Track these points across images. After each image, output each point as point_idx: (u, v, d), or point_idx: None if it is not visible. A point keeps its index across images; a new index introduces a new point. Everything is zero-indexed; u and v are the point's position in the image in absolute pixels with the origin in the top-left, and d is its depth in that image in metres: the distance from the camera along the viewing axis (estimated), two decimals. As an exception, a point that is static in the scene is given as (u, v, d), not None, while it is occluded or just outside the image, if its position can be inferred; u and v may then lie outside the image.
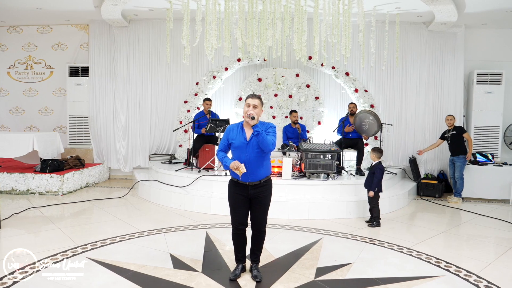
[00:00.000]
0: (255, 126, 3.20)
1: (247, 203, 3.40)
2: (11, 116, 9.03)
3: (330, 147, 6.43)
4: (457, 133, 7.01)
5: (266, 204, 3.43)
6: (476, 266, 3.85)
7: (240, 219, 3.41)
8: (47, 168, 6.86)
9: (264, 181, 3.37)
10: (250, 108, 3.26)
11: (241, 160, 3.26)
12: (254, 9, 6.08)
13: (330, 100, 8.52)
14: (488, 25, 7.89)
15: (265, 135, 3.22)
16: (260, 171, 3.33)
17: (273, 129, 3.38)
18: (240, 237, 3.49)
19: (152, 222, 5.24)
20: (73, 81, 8.65)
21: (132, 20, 8.30)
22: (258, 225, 3.45)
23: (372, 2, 6.63)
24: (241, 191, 3.36)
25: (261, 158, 3.32)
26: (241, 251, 3.54)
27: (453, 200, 6.99)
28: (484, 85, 7.86)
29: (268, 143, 3.21)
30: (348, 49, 6.21)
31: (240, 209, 3.39)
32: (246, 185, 3.33)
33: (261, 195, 3.37)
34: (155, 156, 8.39)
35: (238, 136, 3.33)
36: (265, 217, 3.47)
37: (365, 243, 4.54)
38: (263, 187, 3.37)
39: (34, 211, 5.64)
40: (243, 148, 3.29)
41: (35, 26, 8.81)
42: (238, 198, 3.38)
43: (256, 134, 3.19)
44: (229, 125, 3.47)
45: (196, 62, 8.42)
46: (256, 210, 3.41)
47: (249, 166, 3.25)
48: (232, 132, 3.39)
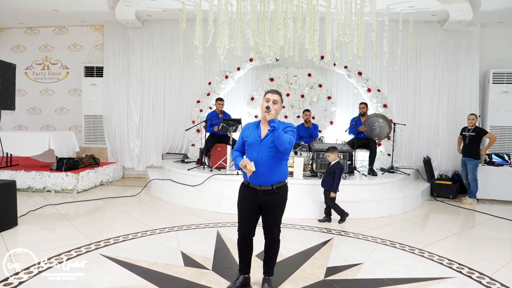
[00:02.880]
0: (272, 121, 2.91)
1: (256, 210, 3.09)
2: (28, 115, 9.24)
3: (342, 147, 6.41)
4: (476, 135, 6.82)
5: (278, 212, 3.12)
6: (489, 268, 3.79)
7: (246, 227, 3.13)
8: (63, 166, 7.01)
9: (277, 188, 3.05)
10: (270, 103, 2.98)
11: (252, 159, 2.99)
12: (266, 9, 6.09)
13: (343, 100, 8.47)
14: (505, 23, 7.74)
15: (282, 132, 2.93)
16: (272, 174, 3.02)
17: (293, 129, 3.09)
18: (245, 246, 3.20)
19: (164, 220, 5.31)
20: (88, 81, 8.81)
21: (145, 21, 8.41)
22: (270, 234, 3.16)
23: (385, 1, 6.58)
24: (250, 196, 3.07)
25: (276, 159, 3.01)
26: (244, 261, 3.24)
27: (468, 201, 6.88)
28: (500, 84, 7.72)
29: (284, 140, 2.90)
30: (360, 48, 6.18)
31: (247, 216, 3.10)
32: (257, 189, 3.04)
33: (271, 203, 3.05)
34: (168, 155, 8.48)
35: (253, 134, 3.09)
36: (277, 226, 3.16)
37: (376, 243, 4.51)
38: (276, 195, 3.05)
39: (50, 209, 5.77)
40: (256, 146, 3.02)
41: (51, 27, 9.00)
42: (246, 203, 3.10)
43: (272, 129, 2.90)
44: (245, 124, 3.31)
45: (208, 62, 8.48)
46: (267, 218, 3.12)
47: (260, 166, 2.97)
48: (247, 130, 3.15)
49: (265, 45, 6.28)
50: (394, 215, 5.87)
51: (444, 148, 7.99)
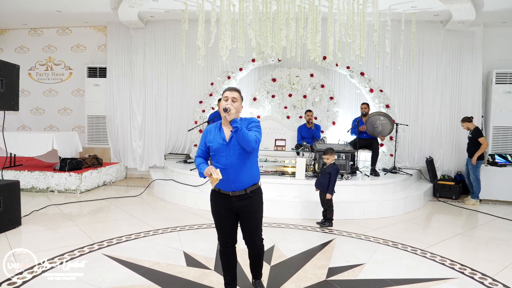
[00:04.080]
0: (234, 121, 2.69)
1: (233, 217, 2.89)
2: (32, 116, 9.29)
3: (345, 147, 6.41)
4: (473, 136, 6.83)
5: (256, 219, 2.90)
6: (492, 269, 3.78)
7: (227, 236, 2.92)
8: (66, 166, 7.04)
9: (250, 191, 2.83)
10: (229, 102, 2.78)
11: (221, 164, 2.76)
12: (268, 9, 6.11)
13: (345, 100, 8.48)
14: (508, 24, 7.71)
15: (246, 131, 2.69)
16: (244, 177, 2.80)
17: (257, 124, 2.86)
18: (227, 256, 2.98)
19: (166, 220, 5.33)
20: (91, 81, 8.84)
21: (148, 21, 8.44)
22: (252, 243, 2.96)
23: (388, 1, 6.58)
24: (224, 203, 2.84)
25: (245, 161, 2.80)
26: (229, 273, 3.01)
27: (471, 202, 6.86)
28: (503, 84, 7.70)
29: (249, 139, 2.68)
30: (363, 49, 6.18)
31: (224, 224, 2.90)
32: (229, 195, 2.81)
33: (247, 209, 2.83)
34: (171, 155, 8.51)
35: (216, 137, 2.82)
36: (258, 234, 2.96)
37: (378, 244, 4.51)
38: (250, 199, 2.83)
39: (53, 209, 5.80)
40: (223, 150, 2.77)
41: (54, 28, 9.05)
42: (221, 211, 2.87)
43: (235, 130, 2.68)
44: (205, 127, 3.01)
45: (211, 63, 8.50)
46: (245, 226, 2.91)
47: (232, 171, 2.75)
48: (209, 134, 2.88)
49: (267, 46, 6.29)
50: (396, 215, 5.86)
51: (446, 148, 7.98)
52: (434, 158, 7.94)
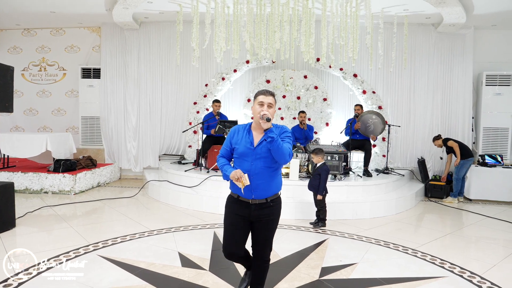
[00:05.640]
0: (269, 130, 2.51)
1: (246, 227, 2.73)
2: (25, 117, 9.26)
3: (338, 148, 6.49)
4: (447, 147, 7.25)
5: (271, 229, 2.75)
6: (481, 268, 3.88)
7: (233, 247, 2.75)
8: (60, 168, 7.03)
9: (271, 200, 2.69)
10: (265, 108, 2.57)
11: (244, 169, 2.60)
12: (262, 11, 6.16)
13: (338, 102, 8.56)
14: (498, 27, 7.85)
15: (281, 143, 2.50)
16: (267, 186, 2.65)
17: (288, 135, 2.69)
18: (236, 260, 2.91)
19: (161, 221, 5.36)
20: (85, 82, 8.83)
21: (143, 23, 8.45)
22: (261, 254, 2.78)
23: (380, 4, 6.66)
24: (242, 211, 2.69)
25: (271, 170, 2.64)
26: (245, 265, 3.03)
27: (447, 200, 7.12)
28: (493, 86, 7.84)
29: (283, 152, 2.50)
30: (356, 51, 6.25)
31: (236, 234, 2.72)
32: (249, 203, 2.66)
33: (266, 218, 2.69)
34: (165, 156, 8.53)
35: (244, 140, 2.65)
36: (269, 245, 2.80)
37: (370, 243, 4.58)
38: (270, 208, 2.69)
39: (47, 210, 5.80)
40: (248, 155, 2.61)
41: (48, 29, 9.03)
42: (236, 219, 2.70)
43: (270, 140, 2.49)
44: (233, 127, 2.84)
45: (205, 64, 8.53)
46: (259, 235, 2.73)
47: (254, 178, 2.59)
48: (237, 134, 2.71)
49: (262, 48, 6.34)
50: (388, 215, 5.95)
51: (438, 149, 8.08)
52: (426, 158, 8.05)
